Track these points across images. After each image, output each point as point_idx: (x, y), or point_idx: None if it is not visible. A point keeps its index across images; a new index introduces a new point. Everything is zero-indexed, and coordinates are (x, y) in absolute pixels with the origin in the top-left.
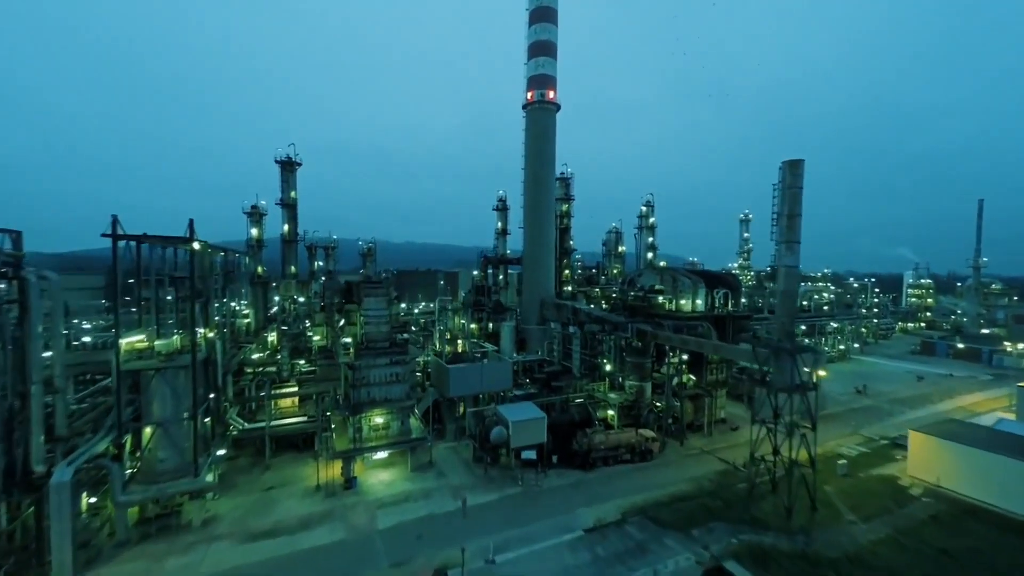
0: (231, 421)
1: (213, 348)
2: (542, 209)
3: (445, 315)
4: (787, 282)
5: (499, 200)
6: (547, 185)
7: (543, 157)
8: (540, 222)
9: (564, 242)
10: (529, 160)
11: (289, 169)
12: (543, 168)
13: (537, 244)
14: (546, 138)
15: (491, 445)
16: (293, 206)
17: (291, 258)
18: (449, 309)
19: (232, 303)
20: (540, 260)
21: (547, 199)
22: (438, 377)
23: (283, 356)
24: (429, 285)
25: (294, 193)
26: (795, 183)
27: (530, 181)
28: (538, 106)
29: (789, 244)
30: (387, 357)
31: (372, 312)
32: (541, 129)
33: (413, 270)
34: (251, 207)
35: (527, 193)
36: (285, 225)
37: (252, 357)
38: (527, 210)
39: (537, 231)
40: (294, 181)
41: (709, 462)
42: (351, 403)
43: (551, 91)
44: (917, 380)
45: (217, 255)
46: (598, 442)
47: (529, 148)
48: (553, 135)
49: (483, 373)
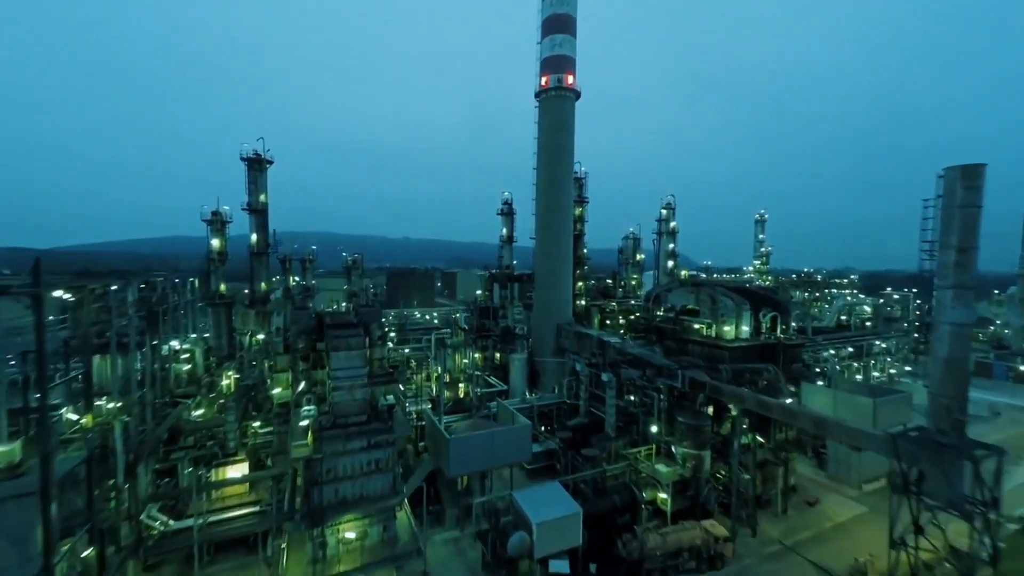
0: (147, 522)
1: (109, 433)
2: (558, 216)
3: (443, 353)
4: (955, 346)
5: (504, 203)
6: (564, 188)
7: (559, 155)
8: (556, 232)
9: (577, 250)
10: (542, 158)
11: (258, 167)
12: (559, 168)
13: (552, 258)
14: (563, 132)
15: (509, 557)
16: (263, 211)
17: (261, 273)
18: (449, 345)
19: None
20: (556, 277)
21: (564, 204)
22: (434, 444)
23: (230, 419)
24: (426, 288)
25: (264, 196)
26: (971, 200)
27: (543, 183)
28: (554, 93)
29: (959, 291)
30: (364, 438)
31: (343, 373)
32: (557, 121)
33: (409, 270)
34: (211, 213)
35: (540, 197)
36: (253, 234)
37: (194, 414)
38: (540, 217)
39: (552, 242)
40: (264, 182)
41: (800, 568)
42: (309, 507)
43: (570, 75)
44: (993, 416)
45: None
46: (652, 547)
47: (542, 144)
48: (571, 128)
49: (494, 443)
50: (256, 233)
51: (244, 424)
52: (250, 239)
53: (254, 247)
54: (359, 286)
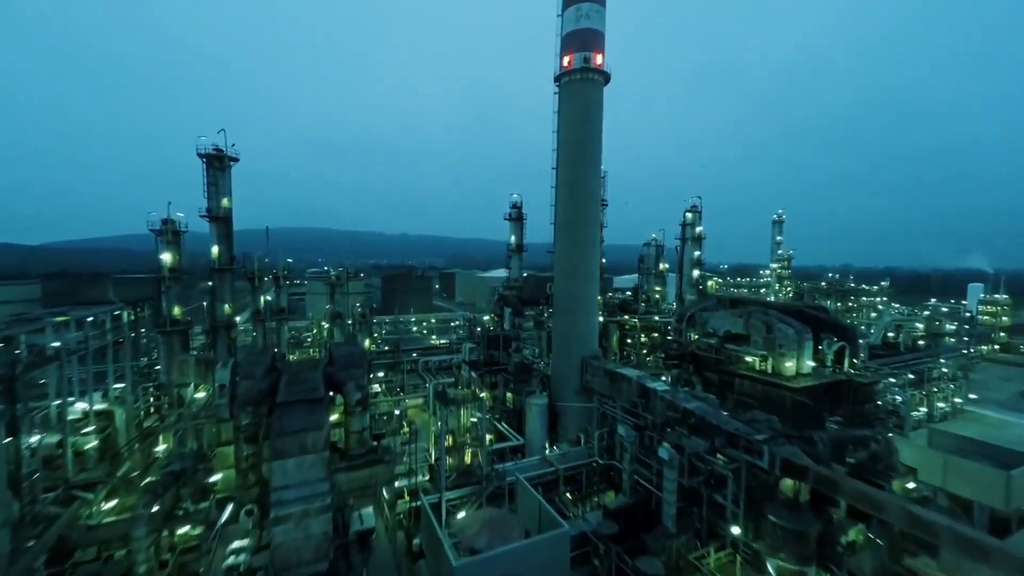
0: None
1: None
2: (583, 227)
3: (446, 412)
4: None
5: (512, 207)
6: (590, 192)
7: (585, 151)
8: (581, 246)
9: None
10: (564, 155)
11: (219, 166)
12: (585, 167)
13: (575, 276)
14: (589, 123)
15: None
16: (226, 219)
17: (224, 293)
18: (453, 401)
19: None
20: (580, 301)
21: (590, 212)
22: (433, 555)
23: (137, 534)
24: (423, 292)
25: (228, 200)
26: None
27: (565, 186)
28: (578, 76)
29: None
30: None
31: (291, 494)
32: (582, 110)
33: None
34: (161, 222)
35: (561, 203)
36: (215, 247)
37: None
38: (561, 227)
39: (576, 258)
40: (227, 183)
41: None
42: None
43: (598, 54)
44: None
45: None
46: None
47: (564, 138)
48: (599, 119)
49: (519, 562)
50: (218, 245)
51: (165, 531)
52: (212, 252)
53: (215, 262)
54: (344, 305)
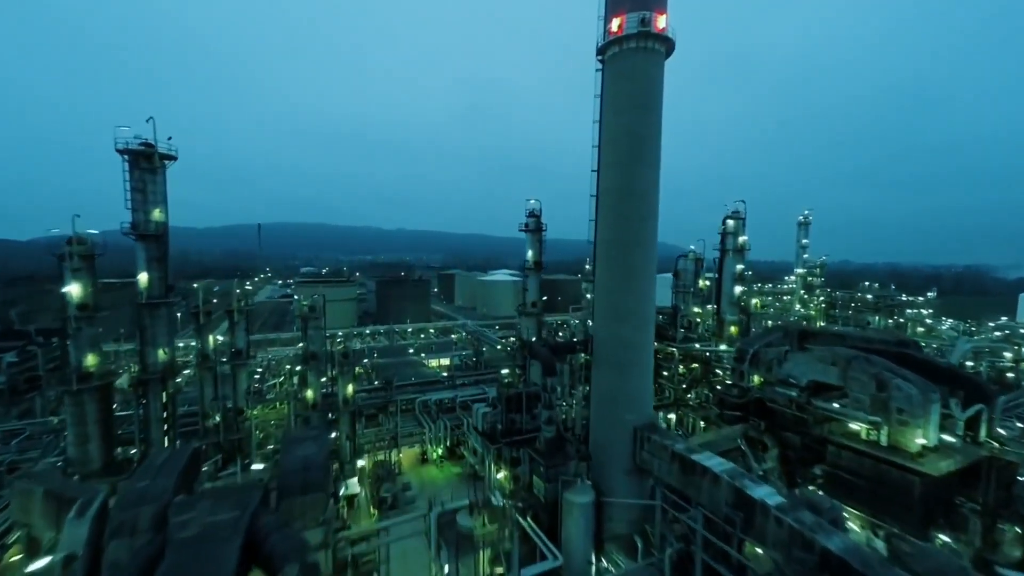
0: None
1: None
2: (637, 251)
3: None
4: None
5: (529, 215)
6: (647, 204)
7: (641, 147)
8: (633, 278)
9: None
10: (609, 153)
11: (147, 165)
12: (641, 169)
13: (624, 318)
14: (647, 109)
15: None
16: (159, 237)
17: (158, 334)
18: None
19: None
20: (631, 349)
21: (645, 231)
22: None
23: None
24: (420, 298)
25: (161, 212)
26: None
27: (610, 193)
28: (633, 45)
29: None
30: None
31: None
32: (637, 91)
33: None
34: (67, 241)
35: (603, 217)
36: (143, 273)
37: None
38: (603, 250)
39: (627, 294)
40: (161, 189)
41: None
42: None
43: (660, 14)
44: None
45: None
46: None
47: (610, 131)
48: (659, 103)
49: None
50: (148, 271)
51: None
52: (138, 278)
53: (143, 294)
54: (320, 344)
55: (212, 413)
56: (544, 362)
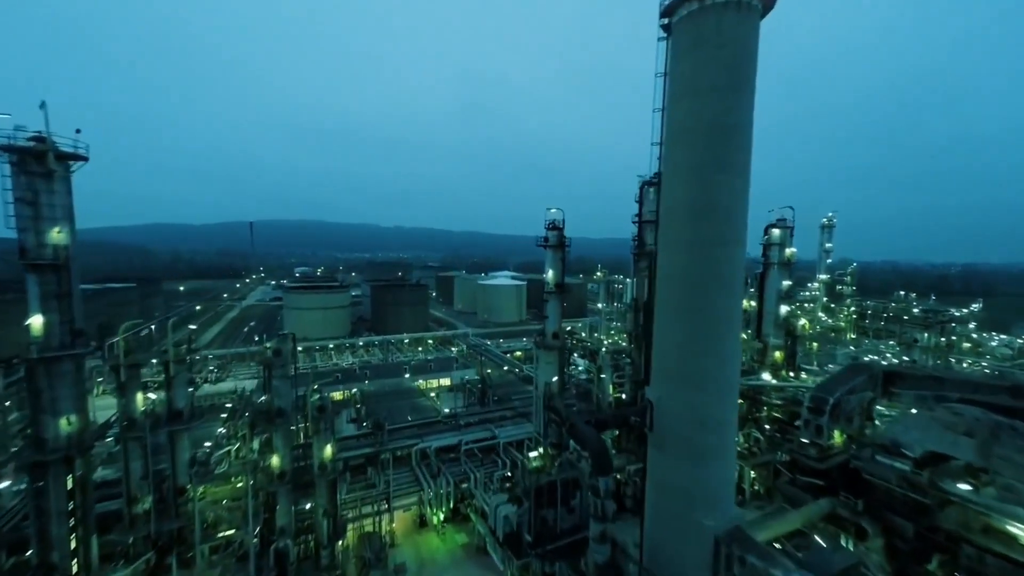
0: None
1: None
2: (718, 295)
3: None
4: None
5: (549, 228)
6: (733, 218)
7: (726, 145)
8: (710, 329)
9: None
10: (684, 150)
11: (38, 168)
12: (728, 176)
13: (697, 384)
14: (735, 90)
15: None
16: (58, 268)
17: (59, 398)
18: None
19: None
20: (712, 427)
21: (731, 262)
22: None
23: None
24: (418, 303)
25: (63, 232)
26: None
27: (679, 211)
28: (719, 2)
29: None
30: None
31: None
32: (722, 66)
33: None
34: None
35: (668, 241)
36: (37, 316)
37: None
38: (668, 284)
39: (700, 353)
40: (64, 201)
41: None
42: None
43: None
44: None
45: None
46: None
47: (684, 119)
48: (752, 79)
49: None
50: (43, 312)
51: None
52: (30, 322)
53: (35, 345)
54: (288, 397)
55: (141, 496)
56: (595, 454)
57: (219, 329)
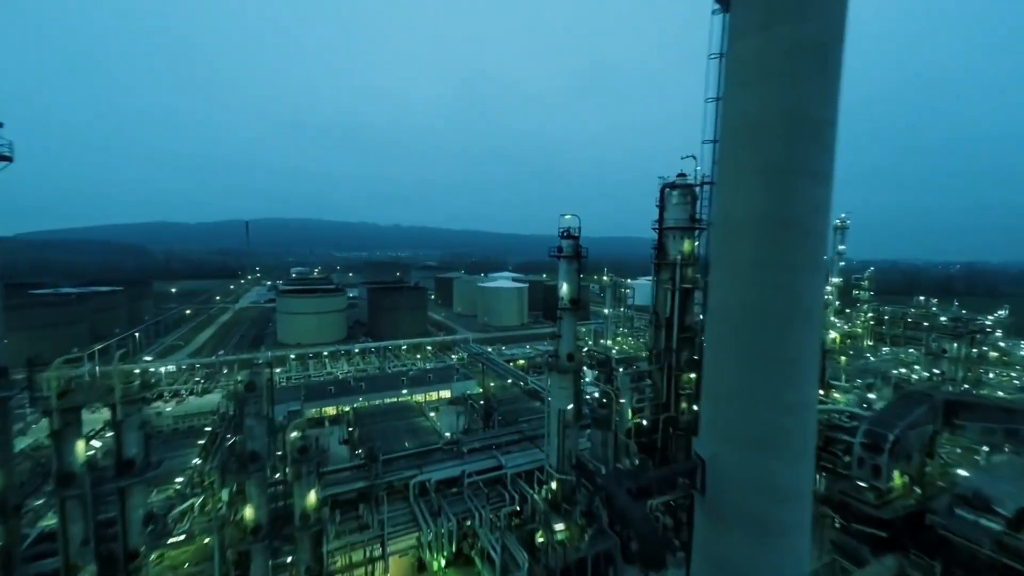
0: None
1: None
2: (793, 318)
3: None
4: None
5: (564, 235)
6: (813, 235)
7: (811, 137)
8: (786, 372)
9: (686, 317)
10: (750, 149)
11: None
12: (804, 176)
13: (769, 438)
14: (823, 71)
15: None
16: None
17: None
18: None
19: None
20: (782, 497)
21: (810, 289)
22: None
23: None
24: (416, 307)
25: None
26: None
27: (754, 218)
28: None
29: None
30: None
31: None
32: (810, 40)
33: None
34: None
35: (732, 260)
36: None
37: None
38: (723, 314)
39: (778, 398)
40: None
41: None
42: None
43: None
44: None
45: None
46: None
47: (751, 109)
48: (839, 59)
49: None
50: None
51: None
52: None
53: None
54: (262, 439)
55: (83, 565)
56: (644, 540)
57: (211, 333)
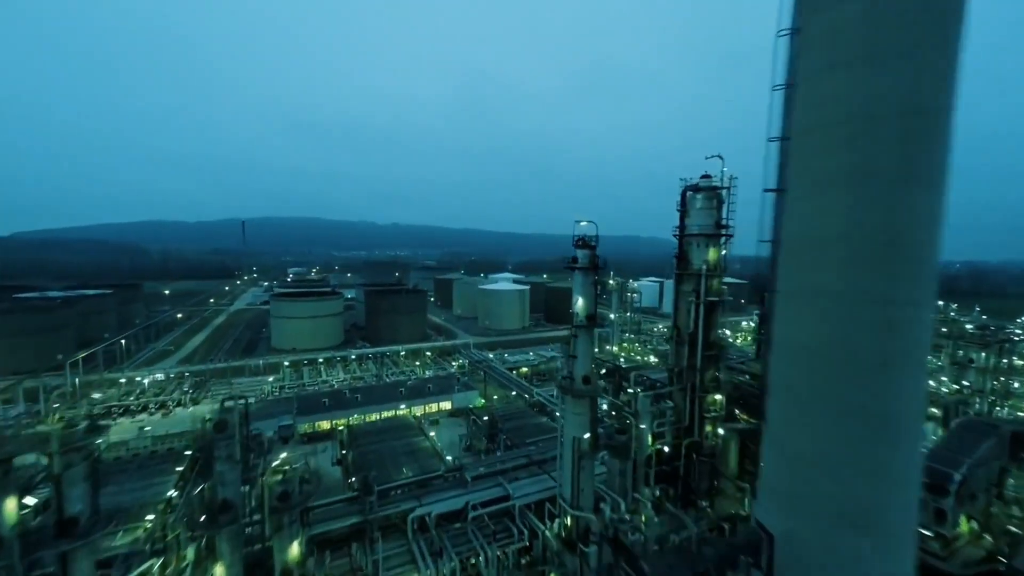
0: None
1: None
2: (893, 364)
3: None
4: None
5: (580, 244)
6: (924, 258)
7: (921, 134)
8: (886, 434)
9: (710, 334)
10: (837, 150)
11: None
12: (912, 183)
13: (860, 515)
14: (938, 53)
15: None
16: None
17: None
18: None
19: None
20: None
21: (915, 327)
22: None
23: None
24: (415, 310)
25: None
26: None
27: (842, 236)
28: None
29: None
30: None
31: None
32: (922, 9)
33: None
34: None
35: (812, 290)
36: None
37: None
38: (796, 356)
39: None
40: None
41: None
42: None
43: None
44: None
45: None
46: None
47: (841, 99)
48: (958, 38)
49: None
50: None
51: None
52: None
53: None
54: (236, 486)
55: None
56: None
57: (203, 337)
